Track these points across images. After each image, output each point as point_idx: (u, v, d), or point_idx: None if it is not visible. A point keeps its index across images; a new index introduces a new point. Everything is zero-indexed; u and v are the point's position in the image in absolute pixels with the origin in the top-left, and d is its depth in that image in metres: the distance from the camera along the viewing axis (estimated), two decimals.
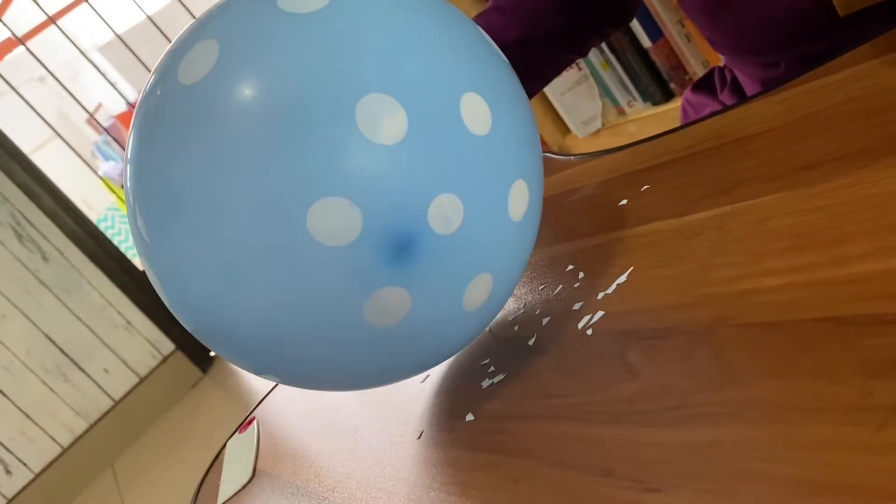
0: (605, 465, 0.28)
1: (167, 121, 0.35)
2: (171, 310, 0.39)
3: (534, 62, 0.68)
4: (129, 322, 2.75)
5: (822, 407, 0.23)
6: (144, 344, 2.76)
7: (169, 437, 2.53)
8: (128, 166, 0.37)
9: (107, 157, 3.90)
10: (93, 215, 3.22)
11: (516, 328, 0.44)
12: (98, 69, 3.27)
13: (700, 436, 0.26)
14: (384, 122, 0.33)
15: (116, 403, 2.69)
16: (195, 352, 2.83)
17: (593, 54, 1.38)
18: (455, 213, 0.34)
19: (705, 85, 0.71)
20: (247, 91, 0.33)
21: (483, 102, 0.35)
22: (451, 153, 0.34)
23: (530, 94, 0.71)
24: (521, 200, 0.37)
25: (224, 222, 0.33)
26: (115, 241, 2.96)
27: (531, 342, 0.41)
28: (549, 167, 0.68)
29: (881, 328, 0.24)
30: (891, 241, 0.27)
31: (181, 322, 0.39)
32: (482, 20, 0.68)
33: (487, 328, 0.47)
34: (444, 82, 0.35)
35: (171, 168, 0.34)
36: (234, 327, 0.36)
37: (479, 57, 0.38)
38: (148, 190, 0.36)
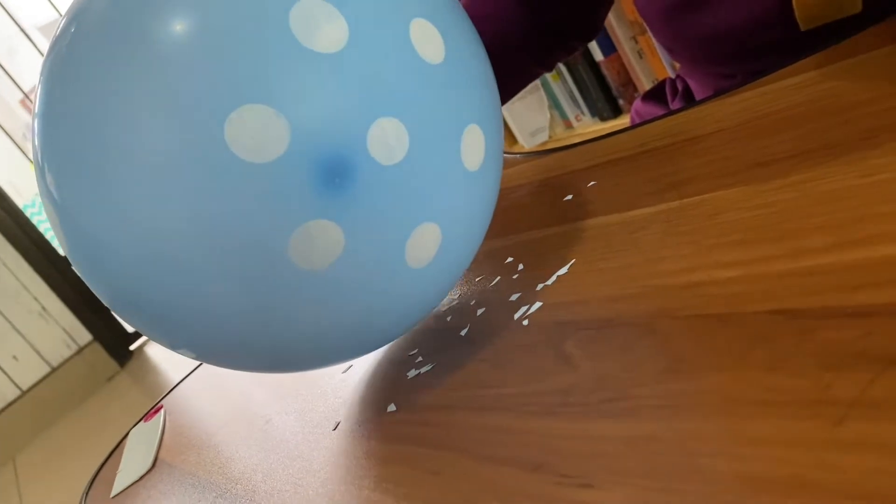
0: (535, 458, 0.26)
1: (77, 60, 0.30)
2: (85, 278, 0.34)
3: (498, 73, 0.66)
4: (44, 308, 2.61)
5: (775, 400, 0.21)
6: (59, 332, 2.63)
7: (77, 432, 2.41)
8: (35, 122, 0.32)
9: None
10: (20, 201, 3.07)
11: (448, 318, 0.41)
12: (38, 48, 3.14)
13: (639, 429, 0.24)
14: (322, 27, 0.29)
15: (23, 394, 2.54)
16: (113, 344, 2.71)
17: None
18: (398, 142, 0.30)
19: (656, 95, 0.71)
20: (168, 7, 0.29)
21: (436, 31, 0.32)
22: (397, 74, 0.30)
23: None
24: (475, 148, 0.34)
25: (136, 144, 0.28)
26: (41, 230, 2.82)
27: (463, 332, 0.38)
28: None
29: (839, 321, 0.22)
30: (849, 234, 0.26)
31: (96, 291, 0.34)
32: None
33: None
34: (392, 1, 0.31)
35: (82, 109, 0.29)
36: (146, 279, 0.30)
37: None
38: (57, 140, 0.31)
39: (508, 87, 0.70)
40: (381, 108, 0.30)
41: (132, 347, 2.88)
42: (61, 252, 2.79)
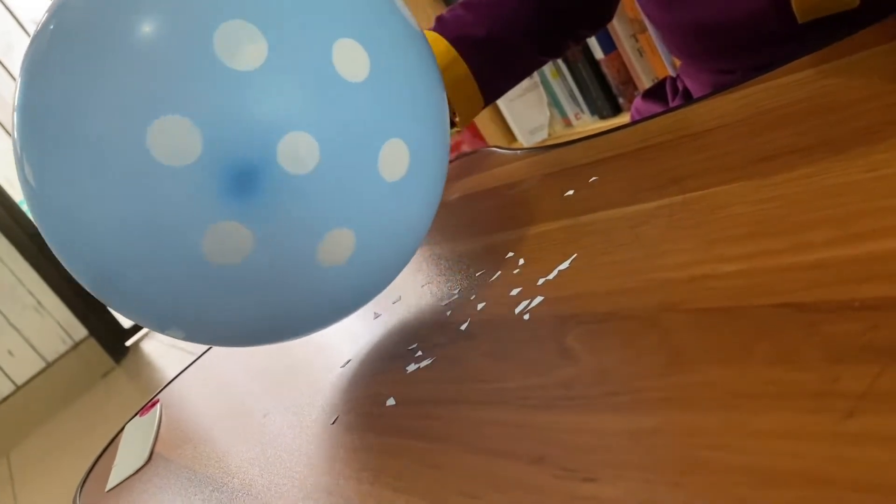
0: (537, 451, 0.26)
1: (43, 59, 0.34)
2: (60, 258, 0.37)
3: (504, 61, 0.66)
4: (39, 303, 2.60)
5: (781, 393, 0.21)
6: (55, 327, 2.62)
7: (72, 428, 2.40)
8: (14, 115, 0.36)
9: None
10: (16, 196, 3.05)
11: (448, 313, 0.41)
12: None
13: (642, 422, 0.24)
14: (243, 47, 0.32)
15: (18, 388, 2.54)
16: (109, 339, 2.71)
17: None
18: (309, 154, 0.32)
19: (656, 94, 0.70)
20: (116, 16, 0.32)
21: (362, 51, 0.34)
22: (312, 90, 0.33)
23: (499, 93, 0.69)
24: (397, 160, 0.35)
25: (85, 145, 0.32)
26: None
27: (463, 327, 0.38)
28: (494, 161, 0.66)
29: (846, 314, 0.22)
30: (853, 228, 0.26)
31: (71, 271, 0.37)
32: (450, 15, 0.65)
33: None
34: (318, 21, 0.34)
35: (53, 102, 0.33)
36: (112, 267, 0.35)
37: (374, 7, 0.37)
38: (33, 131, 0.34)
39: (515, 72, 0.70)
40: (291, 123, 0.32)
41: (128, 343, 2.87)
42: None
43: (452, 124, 0.66)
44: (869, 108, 0.32)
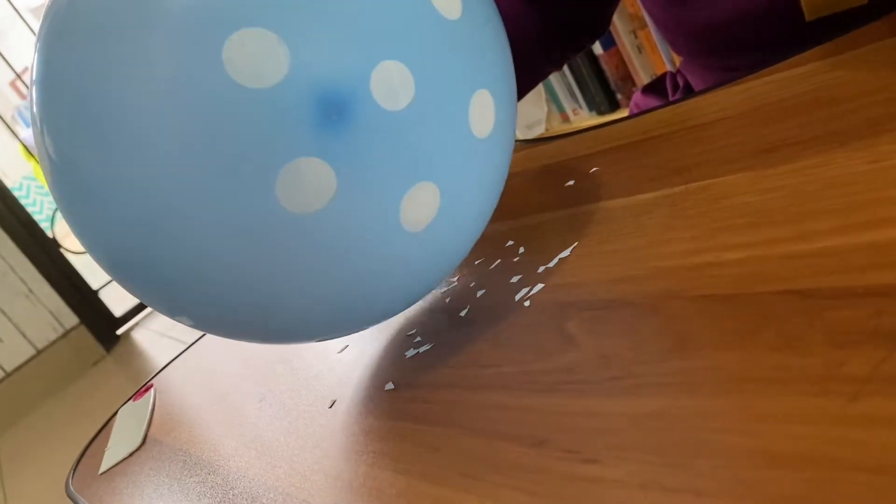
0: (539, 434, 0.26)
1: (72, 25, 0.30)
2: (83, 241, 0.33)
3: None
4: (31, 290, 2.59)
5: (786, 378, 0.21)
6: (46, 315, 2.61)
7: (61, 416, 2.39)
8: (33, 88, 0.32)
9: (28, 123, 3.71)
10: (8, 182, 3.04)
11: (448, 300, 0.41)
12: (31, 29, 3.11)
13: (645, 406, 0.24)
14: None
15: (7, 375, 2.52)
16: (100, 328, 2.70)
17: None
18: (404, 88, 0.29)
19: (655, 88, 0.70)
20: None
21: None
22: (410, 19, 0.30)
23: None
24: (485, 115, 0.33)
25: (132, 82, 0.27)
26: (29, 211, 2.79)
27: (463, 313, 0.38)
28: None
29: (850, 300, 0.22)
30: (857, 217, 0.26)
31: (94, 256, 0.33)
32: None
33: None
34: None
35: (80, 65, 0.29)
36: (141, 233, 0.29)
37: None
38: (56, 100, 0.30)
39: (519, 85, 0.70)
40: (389, 50, 0.29)
41: (119, 332, 2.86)
42: (49, 234, 2.77)
43: None
44: (873, 100, 0.33)
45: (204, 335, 0.69)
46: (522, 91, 0.71)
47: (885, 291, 0.22)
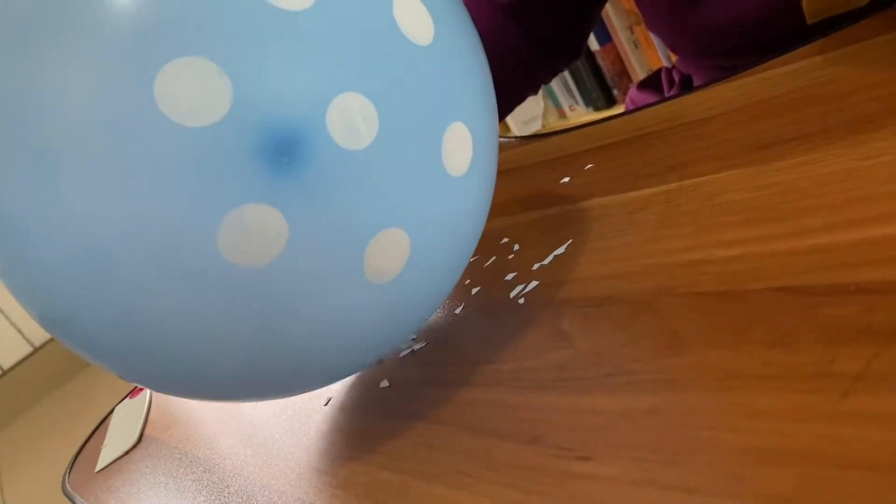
0: (532, 431, 0.26)
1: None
2: (12, 290, 0.28)
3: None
4: None
5: (778, 375, 0.21)
6: None
7: (58, 413, 2.39)
8: None
9: None
10: None
11: None
12: None
13: (638, 403, 0.24)
14: None
15: (5, 373, 2.52)
16: None
17: None
18: (366, 123, 0.25)
19: (651, 84, 0.70)
20: None
21: (424, 9, 0.28)
22: (373, 46, 0.26)
23: None
24: (460, 149, 0.29)
25: (58, 113, 0.24)
26: None
27: (458, 311, 0.38)
28: None
29: (842, 297, 0.22)
30: (850, 214, 0.26)
31: (25, 307, 0.29)
32: None
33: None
34: None
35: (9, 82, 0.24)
36: (74, 279, 0.25)
37: None
38: None
39: (498, 107, 0.69)
40: (348, 81, 0.25)
41: None
42: None
43: None
44: (867, 96, 0.33)
45: None
46: (502, 113, 0.71)
47: (876, 288, 0.22)
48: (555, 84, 1.46)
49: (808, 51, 0.41)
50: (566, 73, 1.40)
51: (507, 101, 0.69)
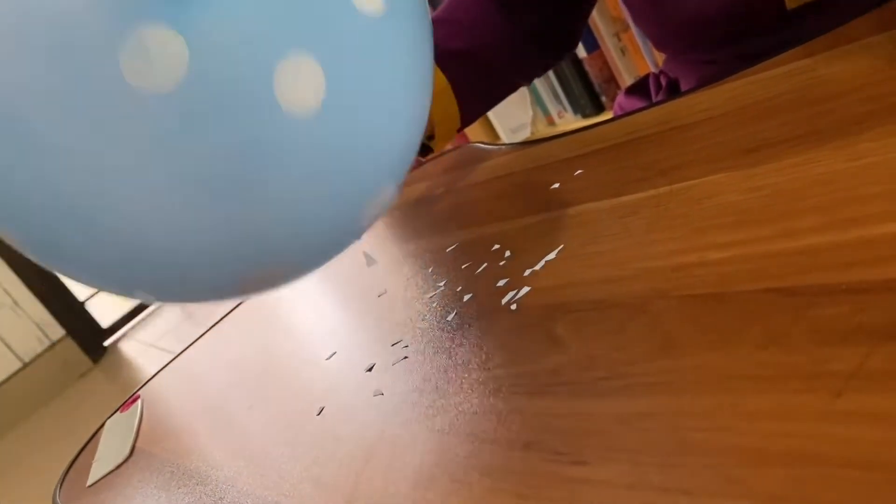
0: (526, 437, 0.25)
1: None
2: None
3: (482, 77, 0.65)
4: (15, 302, 2.57)
5: (772, 376, 0.21)
6: (31, 327, 2.59)
7: (49, 428, 2.37)
8: None
9: None
10: None
11: (434, 305, 0.41)
12: None
13: (632, 406, 0.24)
14: None
15: None
16: (87, 339, 2.67)
17: None
18: None
19: (639, 90, 0.71)
20: None
21: None
22: None
23: (476, 115, 0.67)
24: None
25: None
26: None
27: (450, 318, 0.38)
28: (478, 156, 0.66)
29: (834, 298, 0.22)
30: (840, 215, 0.26)
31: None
32: None
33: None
34: None
35: None
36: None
37: None
38: None
39: (491, 95, 0.70)
40: None
41: (106, 343, 2.84)
42: None
43: (427, 148, 0.66)
44: (854, 99, 0.33)
45: (190, 345, 0.69)
46: (495, 100, 0.71)
47: (866, 288, 0.22)
48: (543, 91, 1.46)
49: (796, 54, 0.41)
50: (554, 81, 1.40)
51: (499, 88, 0.69)
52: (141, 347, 2.62)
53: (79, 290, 2.79)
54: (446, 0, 0.67)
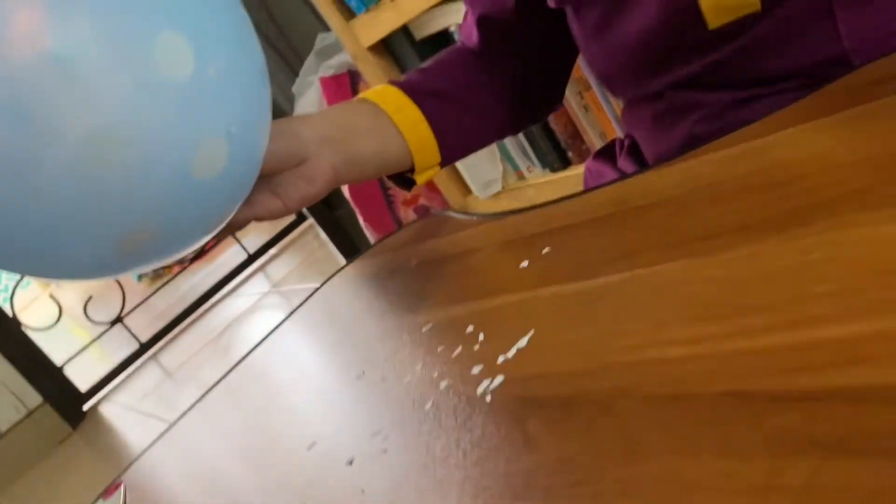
0: None
1: None
2: None
3: (459, 116, 0.68)
4: None
5: (731, 487, 0.22)
6: (8, 396, 2.54)
7: (29, 499, 2.31)
8: None
9: None
10: None
11: (412, 390, 0.42)
12: None
13: None
14: None
15: None
16: (65, 405, 2.63)
17: None
18: None
19: (606, 152, 0.73)
20: None
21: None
22: None
23: (456, 152, 0.69)
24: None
25: None
26: None
27: (427, 407, 0.39)
28: (451, 226, 0.67)
29: (785, 405, 0.24)
30: (792, 315, 0.27)
31: None
32: (405, 76, 0.68)
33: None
34: None
35: None
36: None
37: None
38: None
39: (471, 132, 0.72)
40: None
41: (85, 408, 2.79)
42: (9, 313, 2.71)
43: (409, 181, 0.68)
44: (803, 187, 0.34)
45: (162, 435, 0.69)
46: (476, 139, 0.73)
47: (816, 396, 0.23)
48: (511, 148, 1.50)
49: (744, 134, 0.43)
50: (522, 137, 1.44)
51: (479, 126, 0.72)
52: (121, 410, 2.58)
53: (56, 355, 2.75)
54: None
